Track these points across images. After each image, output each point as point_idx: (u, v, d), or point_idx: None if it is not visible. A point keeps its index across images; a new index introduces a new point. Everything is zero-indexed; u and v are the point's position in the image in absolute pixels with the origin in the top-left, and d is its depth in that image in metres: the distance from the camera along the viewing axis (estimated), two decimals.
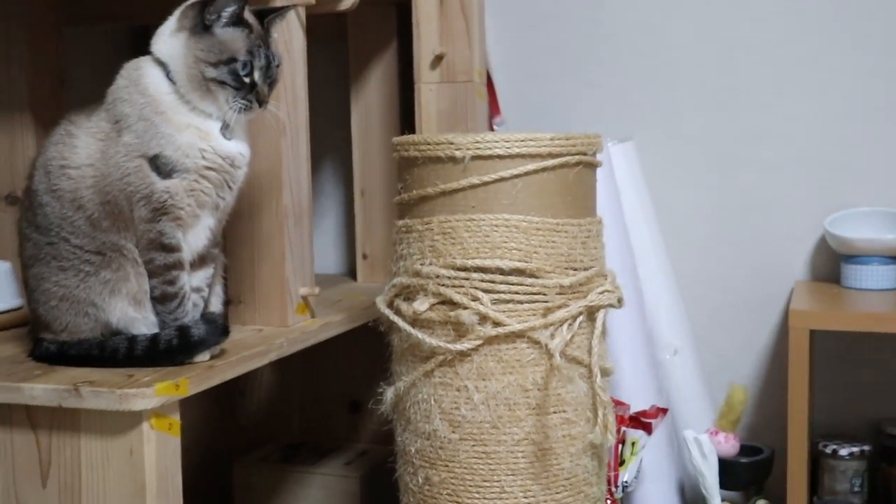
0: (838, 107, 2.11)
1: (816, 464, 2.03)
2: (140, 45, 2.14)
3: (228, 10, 1.35)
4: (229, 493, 2.15)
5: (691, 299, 2.19)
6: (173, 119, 1.35)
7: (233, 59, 1.36)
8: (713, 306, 2.20)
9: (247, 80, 1.37)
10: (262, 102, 1.40)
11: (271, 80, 1.41)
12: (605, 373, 1.52)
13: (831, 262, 2.11)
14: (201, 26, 1.35)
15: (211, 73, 1.35)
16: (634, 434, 1.89)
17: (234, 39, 1.36)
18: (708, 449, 1.85)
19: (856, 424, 2.11)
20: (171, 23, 1.39)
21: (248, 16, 1.39)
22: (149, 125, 1.34)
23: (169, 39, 1.37)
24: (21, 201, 1.45)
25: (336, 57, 2.22)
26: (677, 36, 2.19)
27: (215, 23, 1.35)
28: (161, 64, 1.37)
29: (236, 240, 1.62)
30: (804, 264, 2.15)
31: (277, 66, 1.42)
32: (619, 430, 1.82)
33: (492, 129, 2.17)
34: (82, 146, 1.36)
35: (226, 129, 1.39)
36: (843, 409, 2.13)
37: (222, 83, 1.35)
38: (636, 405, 1.93)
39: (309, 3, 1.64)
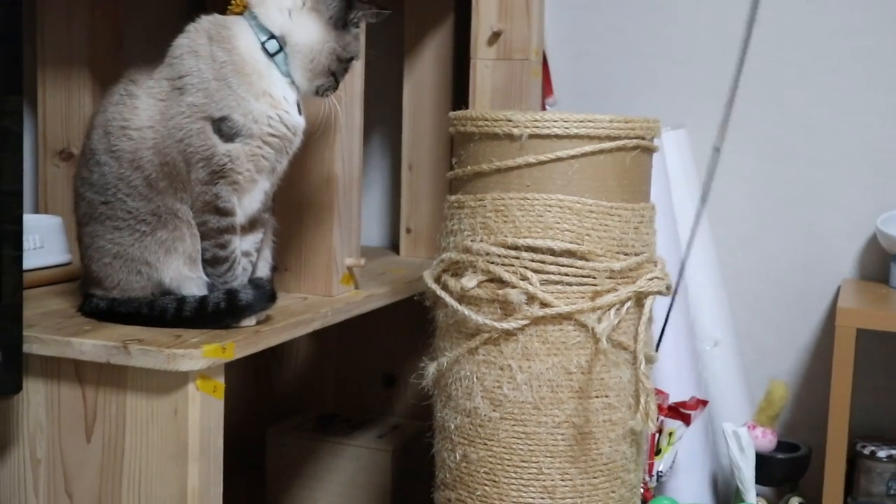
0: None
1: (853, 464, 2.01)
2: (197, 7, 2.16)
3: (365, 17, 1.44)
4: (261, 459, 2.16)
5: (735, 292, 2.18)
6: (256, 84, 1.36)
7: (353, 59, 1.45)
8: (757, 300, 2.18)
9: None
10: (336, 90, 1.47)
11: None
12: (650, 360, 1.51)
13: (881, 262, 2.09)
14: (343, 21, 1.41)
15: (336, 66, 1.42)
16: (672, 424, 1.88)
17: (356, 41, 1.45)
18: (746, 442, 1.84)
19: (895, 426, 2.09)
20: None
21: None
22: (223, 86, 1.34)
23: (294, 14, 1.39)
24: (78, 159, 1.45)
25: (391, 28, 2.21)
26: (736, 25, 2.15)
27: (352, 24, 1.42)
28: (261, 30, 1.38)
29: (286, 207, 1.62)
30: (853, 262, 2.12)
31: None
32: (657, 420, 1.81)
33: (544, 110, 2.16)
34: (143, 107, 1.36)
35: (300, 104, 1.42)
36: (884, 410, 2.11)
37: (333, 75, 1.43)
38: (675, 395, 1.92)
39: None
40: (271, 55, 1.38)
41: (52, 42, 1.75)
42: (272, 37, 1.38)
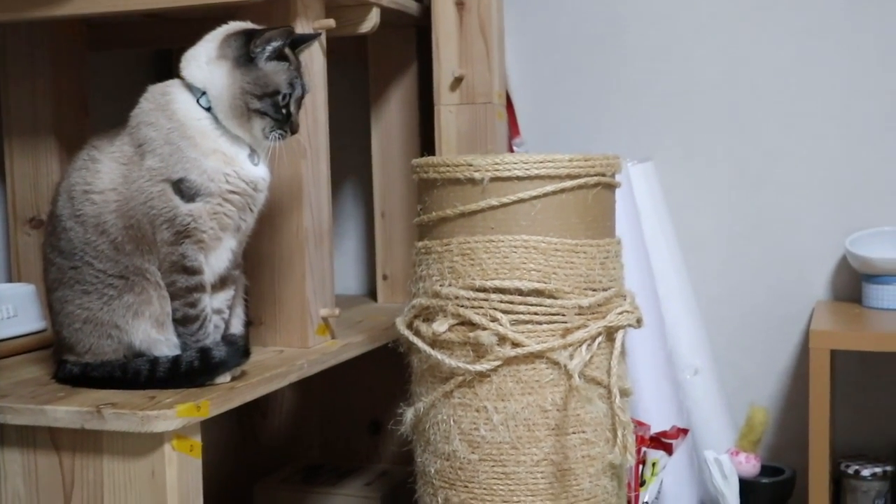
0: (859, 125, 2.11)
1: (839, 484, 2.02)
2: (161, 69, 2.18)
3: (274, 45, 1.39)
4: None
5: (712, 319, 2.19)
6: (201, 144, 1.37)
7: (276, 92, 1.39)
8: (734, 326, 2.20)
9: (284, 111, 1.40)
10: (294, 131, 1.44)
11: (300, 107, 1.45)
12: (625, 393, 1.52)
13: (852, 282, 2.11)
14: (246, 58, 1.38)
15: (255, 104, 1.38)
16: (655, 454, 1.88)
17: (276, 72, 1.40)
18: (728, 469, 1.84)
19: (878, 445, 2.10)
20: (208, 49, 1.40)
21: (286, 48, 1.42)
22: (174, 149, 1.36)
23: (207, 67, 1.39)
24: (45, 226, 1.47)
25: (356, 79, 2.24)
26: (697, 57, 2.19)
27: (259, 55, 1.39)
28: (192, 89, 1.39)
29: (257, 261, 1.63)
30: (825, 284, 2.14)
31: (306, 93, 1.46)
32: (639, 451, 1.82)
33: (511, 151, 2.18)
34: (105, 171, 1.37)
35: (253, 154, 1.42)
36: (866, 429, 2.12)
37: (264, 114, 1.39)
38: (657, 425, 1.92)
39: (330, 26, 1.65)
40: (208, 110, 1.39)
41: (18, 111, 1.77)
42: (204, 93, 1.39)
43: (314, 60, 1.62)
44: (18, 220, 1.78)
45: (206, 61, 1.39)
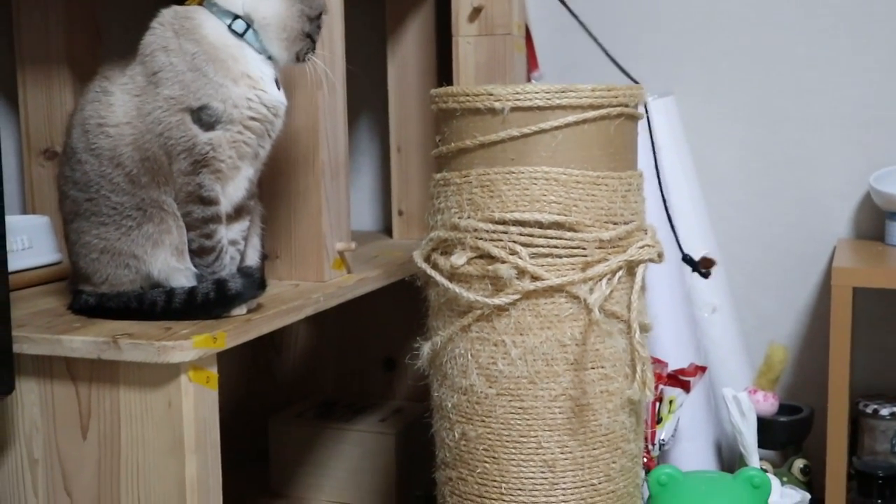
0: (885, 60, 2.06)
1: (856, 423, 2.01)
2: (175, 1, 2.14)
3: None
4: (264, 448, 2.16)
5: (731, 257, 2.17)
6: (232, 68, 1.35)
7: (321, 14, 1.42)
8: (753, 264, 2.18)
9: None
10: (315, 49, 1.45)
11: None
12: (644, 328, 1.50)
13: (876, 220, 2.08)
14: None
15: (307, 27, 1.40)
16: (672, 392, 1.87)
17: None
18: (747, 407, 1.83)
19: None
20: None
21: None
22: (198, 75, 1.33)
23: None
24: (59, 158, 1.45)
25: (373, 11, 2.20)
26: None
27: None
28: (223, 14, 1.37)
29: (273, 195, 1.61)
30: (847, 222, 2.11)
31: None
32: (656, 388, 1.81)
33: (529, 83, 2.15)
34: (118, 104, 1.35)
35: (278, 79, 1.41)
36: (885, 368, 2.11)
37: (308, 36, 1.41)
38: (674, 363, 1.91)
39: None
40: (241, 35, 1.37)
41: (30, 42, 1.74)
42: (236, 18, 1.37)
43: None
44: (32, 151, 1.76)
45: None
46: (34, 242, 1.63)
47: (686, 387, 1.87)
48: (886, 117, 2.07)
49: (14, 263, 1.51)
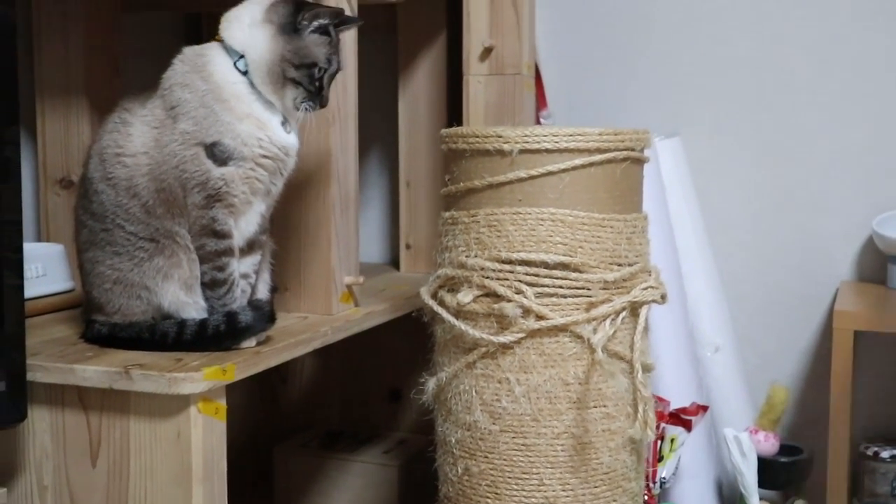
0: (890, 104, 2.09)
1: (857, 466, 2.02)
2: (191, 32, 2.19)
3: (320, 21, 1.41)
4: (269, 478, 2.18)
5: (734, 297, 2.19)
6: (235, 108, 1.38)
7: (313, 65, 1.41)
8: (756, 304, 2.19)
9: (317, 83, 1.42)
10: (323, 105, 1.45)
11: (331, 84, 1.46)
12: (647, 368, 1.52)
13: (878, 263, 2.10)
14: (291, 27, 1.39)
15: (291, 73, 1.39)
16: (674, 431, 1.89)
17: (318, 46, 1.41)
18: (747, 447, 1.85)
19: None
20: (253, 12, 1.40)
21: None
22: (209, 112, 1.36)
23: (250, 30, 1.39)
24: (77, 188, 1.48)
25: (385, 48, 2.24)
26: (727, 31, 2.17)
27: (305, 28, 1.40)
28: (231, 52, 1.39)
29: (283, 228, 1.64)
30: (850, 264, 2.13)
31: (340, 70, 1.47)
32: (658, 427, 1.83)
33: (539, 123, 2.18)
34: (137, 134, 1.38)
35: (285, 122, 1.43)
36: (887, 411, 2.12)
37: (298, 84, 1.40)
38: (676, 402, 1.93)
39: None
40: (244, 73, 1.39)
41: (50, 71, 1.77)
42: (241, 56, 1.40)
43: (344, 31, 1.62)
44: (49, 180, 1.79)
45: (248, 24, 1.40)
46: (48, 270, 1.65)
47: (688, 426, 1.89)
48: (890, 162, 2.09)
49: (29, 291, 1.54)
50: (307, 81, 1.40)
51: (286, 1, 1.41)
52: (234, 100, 1.38)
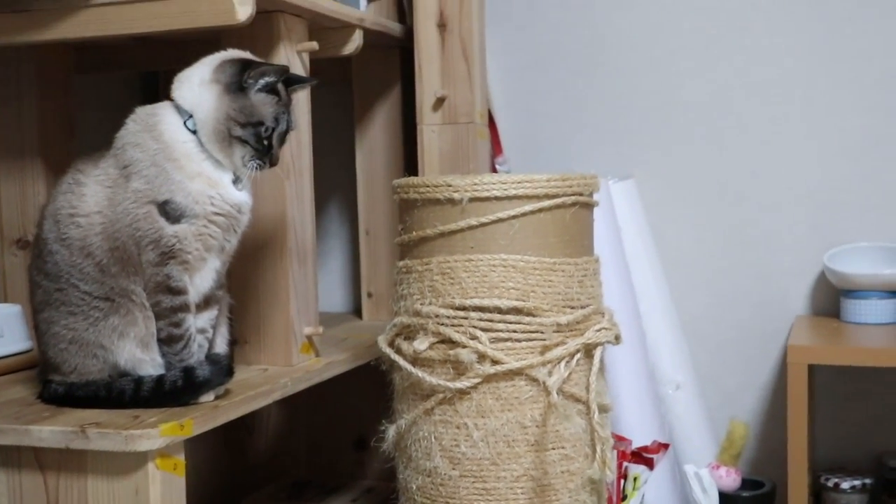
0: (836, 143, 2.14)
1: (819, 497, 2.04)
2: (148, 91, 2.21)
3: (266, 80, 1.42)
4: None
5: (693, 335, 2.22)
6: (186, 167, 1.39)
7: (260, 123, 1.42)
8: (715, 342, 2.22)
9: (266, 143, 1.42)
10: (273, 164, 1.46)
11: (284, 143, 1.47)
12: (604, 409, 1.54)
13: (831, 297, 2.13)
14: (237, 85, 1.41)
15: (237, 131, 1.40)
16: (636, 469, 1.90)
17: (264, 105, 1.42)
18: (708, 483, 1.87)
19: (858, 458, 2.13)
20: (202, 72, 1.42)
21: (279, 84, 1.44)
22: (160, 171, 1.38)
23: (198, 89, 1.41)
24: (31, 249, 1.48)
25: (341, 99, 2.27)
26: (676, 75, 2.22)
27: (251, 86, 1.41)
28: (180, 111, 1.41)
29: (241, 281, 1.65)
30: (804, 299, 2.17)
31: (291, 130, 1.48)
32: (620, 466, 1.84)
33: (494, 169, 2.21)
34: (90, 194, 1.39)
35: (237, 181, 1.44)
36: (845, 442, 2.14)
37: (245, 142, 1.41)
38: (638, 440, 1.94)
39: (313, 48, 1.68)
40: (194, 132, 1.41)
41: (4, 133, 1.79)
42: (191, 115, 1.41)
43: (299, 90, 1.65)
44: (5, 240, 1.80)
45: (198, 83, 1.41)
46: (5, 331, 1.66)
47: (650, 464, 1.90)
48: (838, 199, 2.14)
49: None
50: (254, 140, 1.41)
51: (233, 60, 1.43)
52: (184, 159, 1.39)
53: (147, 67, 2.09)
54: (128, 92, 2.20)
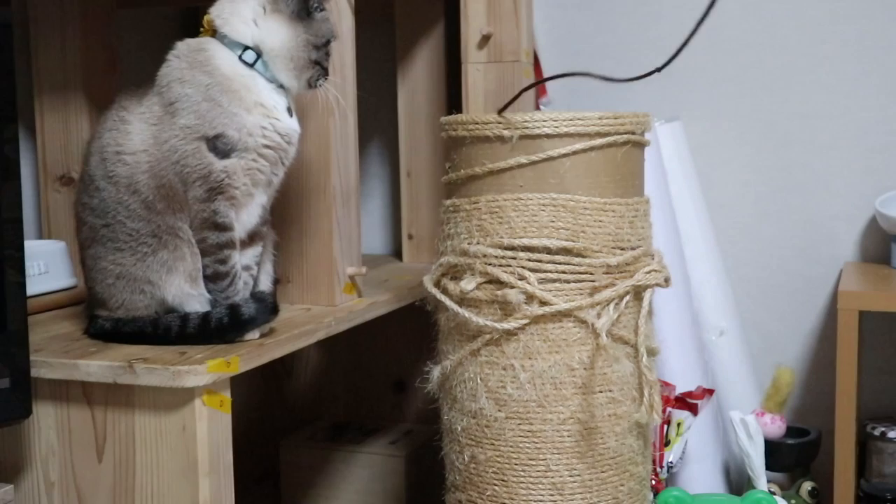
0: (891, 83, 2.08)
1: (864, 446, 2.02)
2: (189, 26, 2.18)
3: (327, 1, 1.45)
4: (276, 471, 2.18)
5: (738, 280, 2.19)
6: (245, 98, 1.38)
7: (328, 42, 1.45)
8: (760, 287, 2.19)
9: (328, 59, 1.46)
10: (327, 76, 1.48)
11: None
12: (652, 352, 1.52)
13: (882, 243, 2.09)
14: (305, 11, 1.42)
15: (314, 55, 1.43)
16: (680, 415, 1.89)
17: (325, 22, 1.45)
18: (754, 429, 1.85)
19: None
20: (252, 6, 1.41)
21: None
22: (213, 105, 1.36)
23: (260, 22, 1.41)
24: (77, 185, 1.48)
25: (383, 37, 2.23)
26: (725, 14, 2.16)
27: (316, 10, 1.43)
28: (233, 45, 1.40)
29: (285, 220, 1.63)
30: (854, 245, 2.13)
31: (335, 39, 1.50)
32: (664, 411, 1.83)
33: (538, 109, 2.17)
34: (136, 132, 1.38)
35: (289, 108, 1.44)
36: (892, 391, 2.12)
37: (317, 63, 1.44)
38: (682, 386, 1.93)
39: None
40: (251, 66, 1.40)
41: (47, 69, 1.77)
42: (246, 48, 1.41)
43: (342, 18, 1.62)
44: (49, 177, 1.79)
45: (252, 17, 1.41)
46: (50, 267, 1.65)
47: (694, 409, 1.89)
48: (891, 142, 2.09)
49: (31, 288, 1.54)
50: (325, 59, 1.45)
51: None
52: (243, 90, 1.39)
53: (189, 2, 2.06)
54: (169, 26, 2.18)
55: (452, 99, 2.10)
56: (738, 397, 2.10)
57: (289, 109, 1.44)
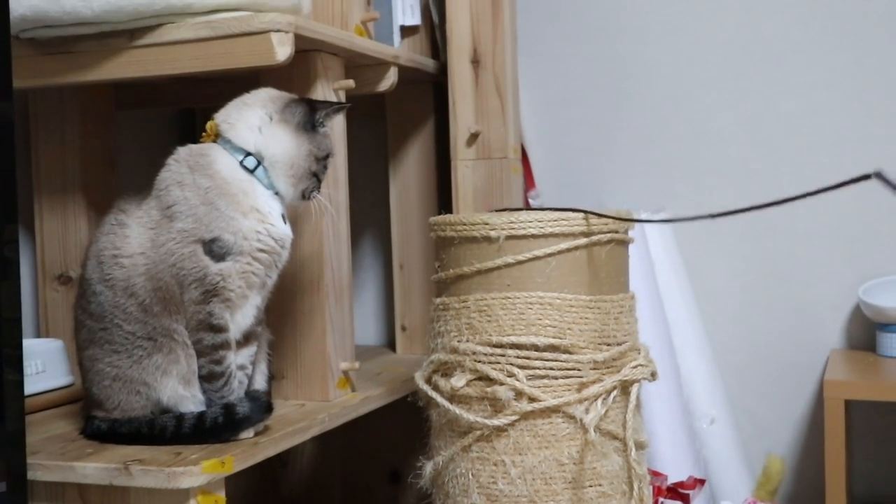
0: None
1: None
2: (185, 127, 2.24)
3: (329, 115, 1.51)
4: None
5: (728, 368, 2.21)
6: (242, 202, 1.43)
7: (328, 156, 1.51)
8: (750, 375, 2.21)
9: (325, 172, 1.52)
10: (320, 188, 1.53)
11: None
12: (640, 446, 1.54)
13: (867, 330, 2.12)
14: (311, 125, 1.48)
15: (314, 167, 1.49)
16: None
17: (327, 137, 1.51)
18: None
19: (894, 494, 2.11)
20: (260, 115, 1.47)
21: None
22: (210, 209, 1.41)
23: (266, 130, 1.46)
24: (76, 288, 1.51)
25: (375, 134, 2.29)
26: (707, 106, 2.23)
27: (320, 125, 1.50)
28: (235, 150, 1.45)
29: (279, 317, 1.67)
30: (840, 333, 2.16)
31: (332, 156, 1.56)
32: (656, 501, 1.84)
33: (527, 203, 2.22)
34: (133, 235, 1.42)
35: (283, 215, 1.48)
36: (882, 478, 2.13)
37: (314, 175, 1.49)
38: (674, 476, 1.94)
39: (349, 86, 1.71)
40: (251, 171, 1.45)
41: (47, 168, 1.82)
42: (248, 154, 1.46)
43: (335, 120, 1.67)
44: (47, 276, 1.82)
45: (258, 124, 1.46)
46: (48, 366, 1.68)
47: (686, 500, 1.89)
48: (873, 231, 2.13)
49: (28, 387, 1.57)
50: (322, 172, 1.50)
51: (297, 101, 1.49)
52: (241, 194, 1.43)
53: (185, 104, 2.12)
54: (165, 127, 2.24)
55: (443, 194, 2.15)
56: (730, 485, 2.11)
57: (283, 216, 1.48)
